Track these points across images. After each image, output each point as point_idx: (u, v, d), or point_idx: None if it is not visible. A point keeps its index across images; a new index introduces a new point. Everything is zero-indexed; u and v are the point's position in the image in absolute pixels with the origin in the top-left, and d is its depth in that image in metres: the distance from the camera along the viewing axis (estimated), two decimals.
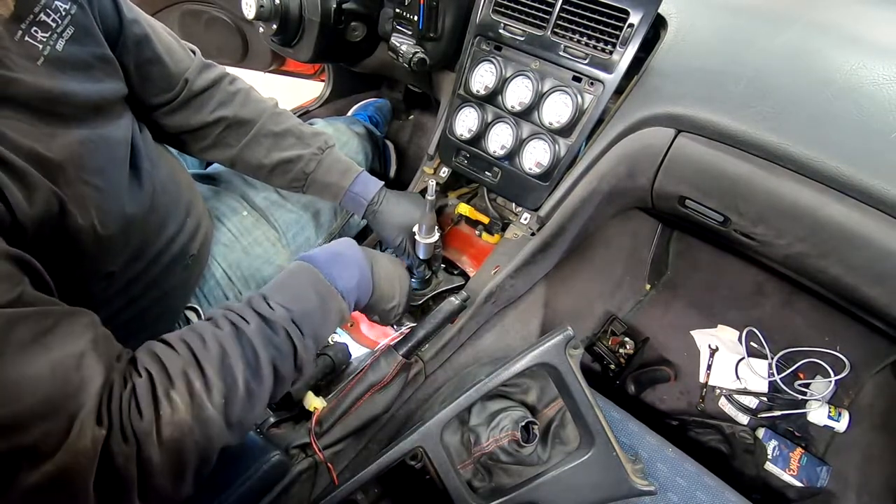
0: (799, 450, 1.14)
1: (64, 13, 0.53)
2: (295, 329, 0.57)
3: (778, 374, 1.24)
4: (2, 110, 0.48)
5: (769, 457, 1.14)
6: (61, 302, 0.46)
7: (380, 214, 0.88)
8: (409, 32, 0.94)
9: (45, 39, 0.51)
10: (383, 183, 0.90)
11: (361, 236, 1.14)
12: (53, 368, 0.41)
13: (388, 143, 1.48)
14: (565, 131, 0.86)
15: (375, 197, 0.88)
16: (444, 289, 0.97)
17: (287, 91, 1.71)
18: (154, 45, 0.71)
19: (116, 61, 0.63)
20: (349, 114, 1.55)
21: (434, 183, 0.80)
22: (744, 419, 1.21)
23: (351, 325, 0.96)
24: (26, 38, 0.50)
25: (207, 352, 0.50)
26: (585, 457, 0.69)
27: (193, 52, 0.80)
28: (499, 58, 0.90)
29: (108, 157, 0.59)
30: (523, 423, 0.76)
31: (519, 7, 0.85)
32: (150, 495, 0.44)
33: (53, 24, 0.52)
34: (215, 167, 1.04)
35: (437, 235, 0.85)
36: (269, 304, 0.57)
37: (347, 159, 0.89)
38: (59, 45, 0.53)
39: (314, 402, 0.77)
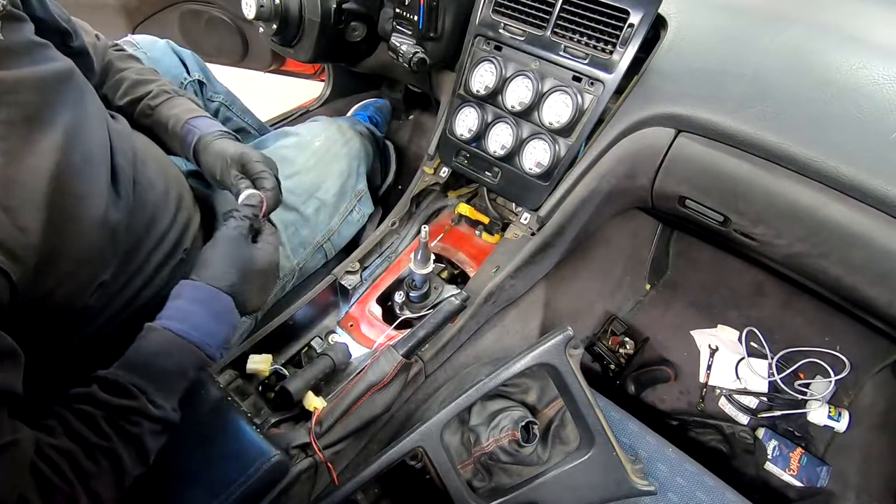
0: (799, 450, 1.14)
1: (1, 8, 0.51)
2: (174, 416, 0.59)
3: (778, 374, 1.24)
4: None
5: (769, 457, 1.14)
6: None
7: (206, 150, 0.80)
8: (409, 32, 0.94)
9: None
10: (231, 135, 0.84)
11: (356, 243, 1.14)
12: None
13: (389, 143, 1.48)
14: (565, 131, 0.86)
15: (212, 135, 0.81)
16: (443, 297, 0.97)
17: (287, 91, 1.71)
18: (84, 37, 0.71)
19: (52, 46, 0.59)
20: (349, 114, 1.54)
21: (426, 230, 0.81)
22: (744, 419, 1.21)
23: (351, 326, 0.96)
24: None
25: (98, 469, 0.51)
26: (585, 457, 0.69)
27: (98, 37, 0.80)
28: (499, 58, 0.90)
29: (84, 156, 0.56)
30: (523, 423, 0.76)
31: (519, 7, 0.85)
32: None
33: None
34: None
35: (430, 267, 0.86)
36: (155, 405, 0.56)
37: (194, 106, 0.84)
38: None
39: (314, 403, 0.77)
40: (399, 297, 0.96)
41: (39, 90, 0.53)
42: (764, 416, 1.21)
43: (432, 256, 0.87)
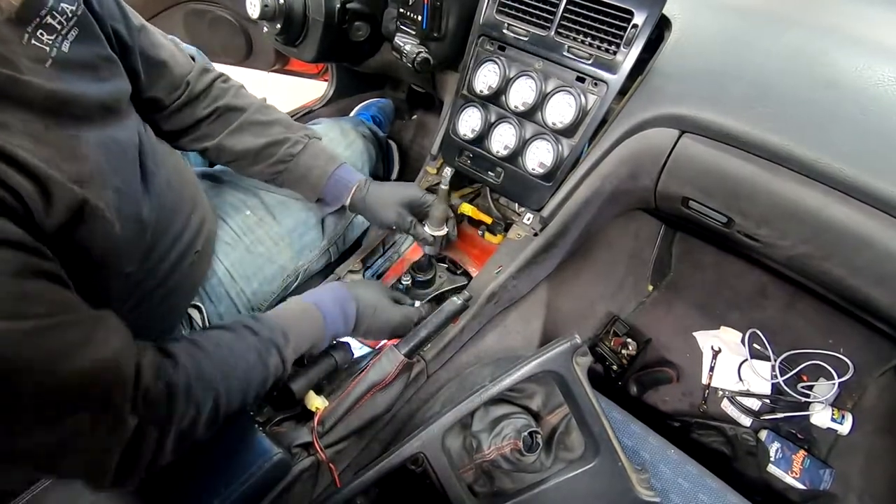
0: (801, 452, 1.14)
1: (70, 15, 0.54)
2: (285, 374, 0.68)
3: (781, 375, 1.24)
4: (17, 112, 0.48)
5: (771, 459, 1.14)
6: (86, 305, 0.49)
7: (369, 196, 0.88)
8: (413, 32, 0.94)
9: (50, 42, 0.52)
10: (362, 175, 0.91)
11: (359, 242, 1.14)
12: (94, 370, 0.45)
13: (392, 143, 1.48)
14: (568, 132, 0.86)
15: (363, 182, 0.89)
16: (446, 289, 0.97)
17: (290, 90, 1.71)
18: (160, 50, 0.74)
19: (119, 62, 0.63)
20: (352, 114, 1.55)
21: (449, 171, 0.81)
22: (746, 421, 1.21)
23: None
24: (33, 41, 0.50)
25: (234, 370, 0.59)
26: (590, 465, 0.68)
27: (193, 59, 0.83)
28: (502, 58, 0.89)
29: (122, 158, 0.60)
30: (526, 432, 0.76)
31: (523, 7, 0.85)
32: (150, 470, 0.51)
33: (59, 27, 0.53)
34: (220, 165, 1.04)
35: (446, 229, 0.86)
36: (285, 346, 0.65)
37: (332, 151, 0.90)
38: (65, 47, 0.53)
39: (315, 402, 0.77)
40: (406, 279, 0.96)
41: (92, 105, 0.57)
42: (766, 418, 1.21)
43: (451, 215, 0.87)
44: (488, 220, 1.07)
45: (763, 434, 1.18)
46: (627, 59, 0.78)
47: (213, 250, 0.87)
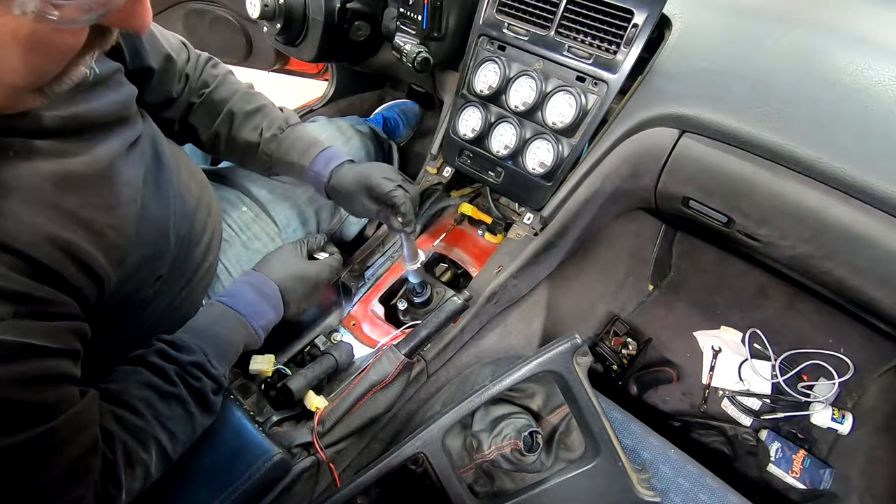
0: (802, 452, 1.14)
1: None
2: (225, 381, 0.68)
3: (781, 375, 1.24)
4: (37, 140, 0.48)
5: (772, 459, 1.14)
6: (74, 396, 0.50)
7: (337, 189, 0.84)
8: (413, 32, 0.94)
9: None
10: (345, 158, 0.87)
11: (358, 242, 1.14)
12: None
13: (392, 143, 1.48)
14: (569, 131, 0.86)
15: (332, 174, 0.85)
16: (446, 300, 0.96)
17: (291, 90, 1.71)
18: (161, 46, 0.74)
19: (122, 68, 0.64)
20: (374, 113, 1.55)
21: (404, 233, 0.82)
22: (746, 421, 1.21)
23: (353, 325, 0.96)
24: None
25: (172, 413, 0.59)
26: (590, 465, 0.68)
27: (185, 45, 0.83)
28: (502, 57, 0.89)
29: (146, 166, 0.62)
30: (527, 432, 0.76)
31: (523, 7, 0.85)
32: None
33: None
34: (215, 162, 1.05)
35: (419, 262, 0.87)
36: (213, 366, 0.65)
37: (311, 136, 0.87)
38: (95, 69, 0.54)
39: (315, 402, 0.77)
40: (402, 304, 0.97)
41: (114, 118, 0.58)
42: (767, 417, 1.21)
43: (420, 252, 0.87)
44: (488, 219, 1.07)
45: (763, 434, 1.18)
46: (628, 58, 0.78)
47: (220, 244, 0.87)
